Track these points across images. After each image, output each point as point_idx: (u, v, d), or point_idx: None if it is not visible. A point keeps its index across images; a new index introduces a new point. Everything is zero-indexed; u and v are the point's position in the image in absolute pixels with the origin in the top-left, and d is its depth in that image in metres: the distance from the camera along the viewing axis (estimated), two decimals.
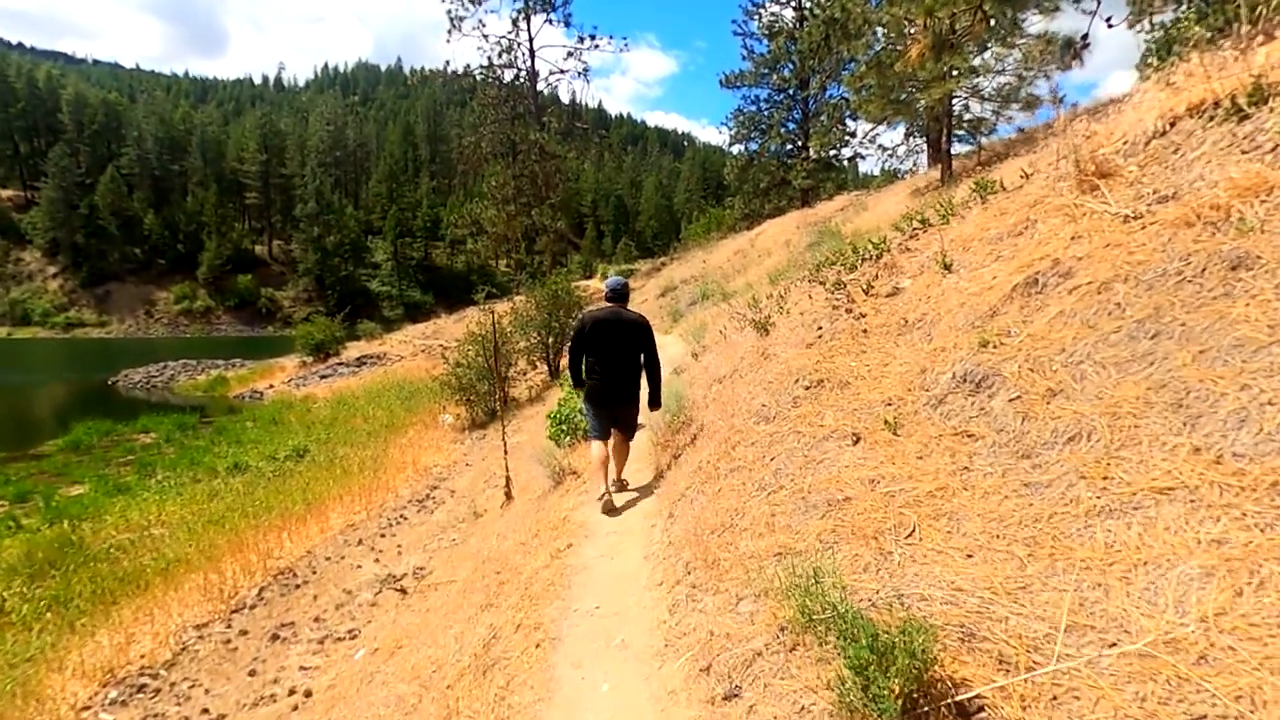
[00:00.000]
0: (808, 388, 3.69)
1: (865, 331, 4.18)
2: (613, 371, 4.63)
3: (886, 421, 2.91)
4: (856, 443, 2.95)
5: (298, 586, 6.84)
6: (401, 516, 8.81)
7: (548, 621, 2.85)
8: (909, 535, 2.22)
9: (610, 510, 4.39)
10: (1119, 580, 1.69)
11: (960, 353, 3.14)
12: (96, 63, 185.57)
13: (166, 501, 11.85)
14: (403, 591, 5.74)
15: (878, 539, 2.26)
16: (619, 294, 4.87)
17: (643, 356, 4.70)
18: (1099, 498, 1.95)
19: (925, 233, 6.16)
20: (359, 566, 7.13)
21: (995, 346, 3.00)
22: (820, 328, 4.52)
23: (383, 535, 8.13)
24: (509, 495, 6.40)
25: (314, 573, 7.22)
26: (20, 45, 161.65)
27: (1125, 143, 4.09)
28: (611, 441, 4.70)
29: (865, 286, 4.88)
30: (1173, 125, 3.87)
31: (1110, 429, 2.16)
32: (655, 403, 4.86)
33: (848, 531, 2.36)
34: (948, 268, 4.26)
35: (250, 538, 8.57)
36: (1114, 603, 1.64)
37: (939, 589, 1.91)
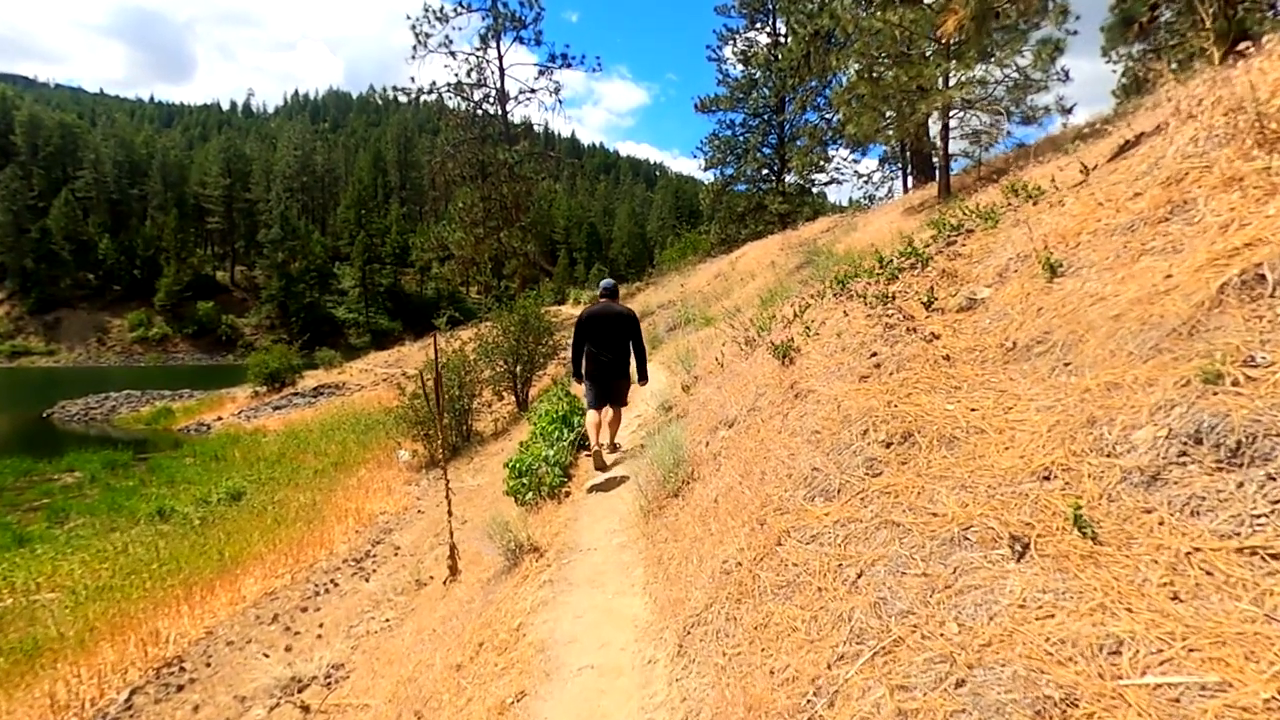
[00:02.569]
0: (888, 445, 2.41)
1: (948, 358, 2.94)
2: (606, 353, 5.63)
3: (1078, 518, 1.64)
4: (1022, 556, 1.67)
5: (180, 689, 5.31)
6: (332, 582, 7.31)
7: None
8: None
9: (601, 466, 5.29)
10: None
11: (1163, 393, 1.90)
12: (58, 86, 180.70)
13: (66, 558, 10.14)
14: (305, 710, 4.28)
15: None
16: (610, 292, 5.99)
17: (630, 342, 5.76)
18: None
19: (968, 239, 5.02)
20: (265, 656, 5.63)
21: (1240, 384, 1.76)
22: (875, 354, 3.27)
23: (304, 609, 6.62)
24: (454, 570, 5.00)
25: (207, 665, 5.70)
26: None
27: None
28: (607, 415, 5.62)
29: (925, 299, 3.67)
30: None
31: None
32: (643, 378, 6.00)
33: None
34: (1054, 270, 3.07)
35: (140, 612, 6.99)
36: None
37: None
